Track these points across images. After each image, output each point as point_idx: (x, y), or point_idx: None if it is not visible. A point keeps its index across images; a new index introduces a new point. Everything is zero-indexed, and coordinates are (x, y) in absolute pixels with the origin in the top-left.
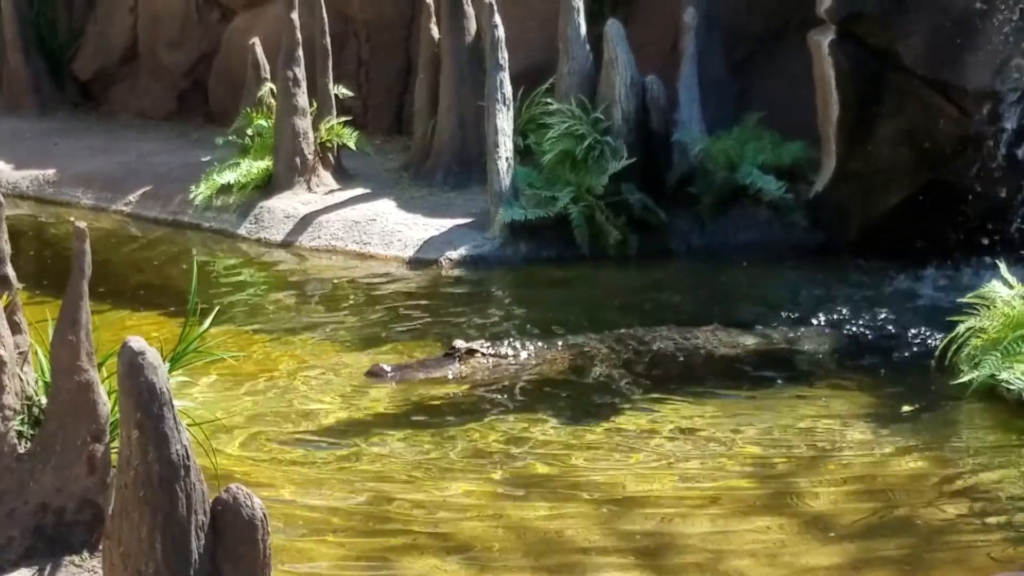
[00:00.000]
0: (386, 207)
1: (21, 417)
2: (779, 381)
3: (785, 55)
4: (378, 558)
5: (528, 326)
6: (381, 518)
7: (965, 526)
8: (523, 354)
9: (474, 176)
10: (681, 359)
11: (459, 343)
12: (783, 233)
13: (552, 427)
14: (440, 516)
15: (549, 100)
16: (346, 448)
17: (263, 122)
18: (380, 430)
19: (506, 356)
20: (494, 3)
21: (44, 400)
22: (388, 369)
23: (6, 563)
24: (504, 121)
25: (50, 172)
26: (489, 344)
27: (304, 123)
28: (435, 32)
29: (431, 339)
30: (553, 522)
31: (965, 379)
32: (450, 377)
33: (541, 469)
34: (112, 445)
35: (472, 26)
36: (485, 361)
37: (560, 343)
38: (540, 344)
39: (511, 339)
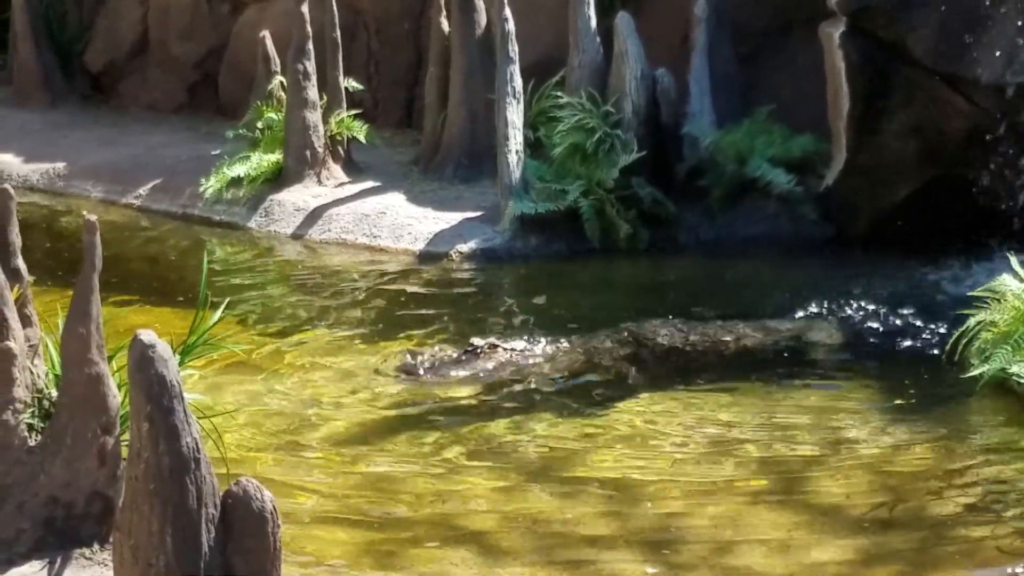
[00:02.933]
0: (396, 200)
1: (31, 410)
2: (788, 374)
3: (794, 48)
4: (388, 551)
5: (539, 320)
6: (391, 511)
7: (974, 519)
8: (538, 348)
9: (484, 169)
10: (691, 352)
11: (476, 340)
12: (792, 226)
13: (563, 420)
14: (449, 509)
15: (559, 93)
16: (357, 441)
17: (273, 115)
18: (390, 423)
19: (523, 351)
20: None
21: (54, 393)
22: (417, 365)
23: (16, 556)
24: (514, 114)
25: (60, 165)
26: (506, 339)
27: (314, 116)
28: (445, 25)
29: (442, 332)
30: (562, 515)
31: (975, 373)
32: (473, 373)
33: (550, 462)
34: (122, 438)
35: (482, 19)
36: (507, 355)
37: (574, 337)
38: (555, 338)
39: (528, 334)
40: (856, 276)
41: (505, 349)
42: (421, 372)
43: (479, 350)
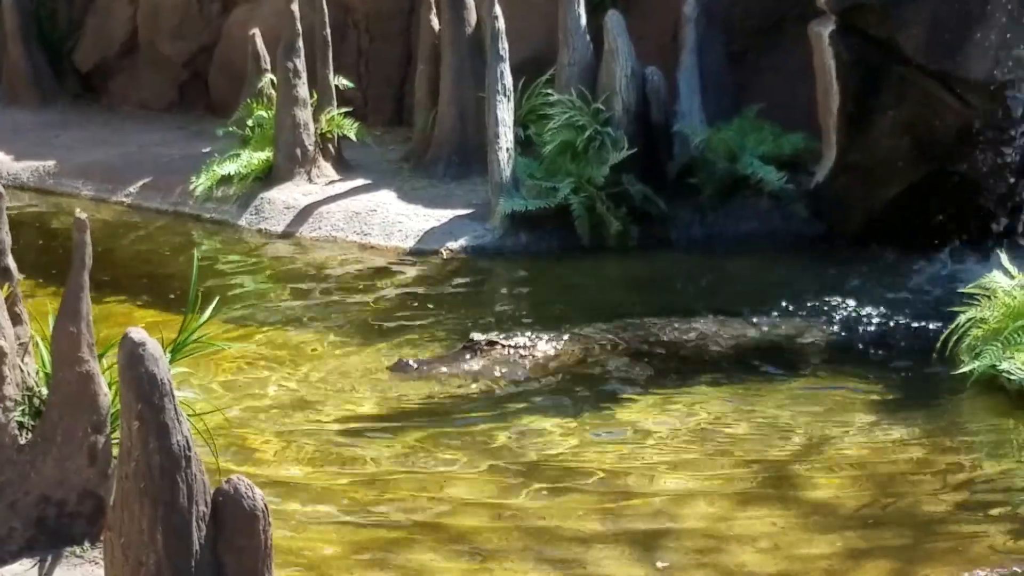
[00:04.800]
0: (387, 198)
1: (22, 408)
2: (779, 371)
3: (785, 46)
4: (380, 549)
5: (529, 317)
6: (383, 510)
7: (965, 516)
8: (539, 345)
9: (475, 167)
10: (684, 350)
11: (476, 335)
12: (783, 224)
13: (555, 418)
14: (441, 508)
15: (549, 91)
16: (348, 439)
17: (263, 113)
18: (382, 422)
19: (522, 348)
20: None
21: (45, 391)
22: (413, 364)
23: (7, 554)
24: (504, 112)
25: (50, 163)
26: (505, 336)
27: (304, 114)
28: (435, 23)
29: (434, 329)
30: (553, 513)
31: (966, 369)
32: (472, 370)
33: (542, 460)
34: (113, 436)
35: (472, 17)
36: (505, 353)
37: (572, 334)
38: (553, 335)
39: (526, 331)
40: (847, 273)
41: (504, 346)
42: (415, 369)
43: (477, 346)
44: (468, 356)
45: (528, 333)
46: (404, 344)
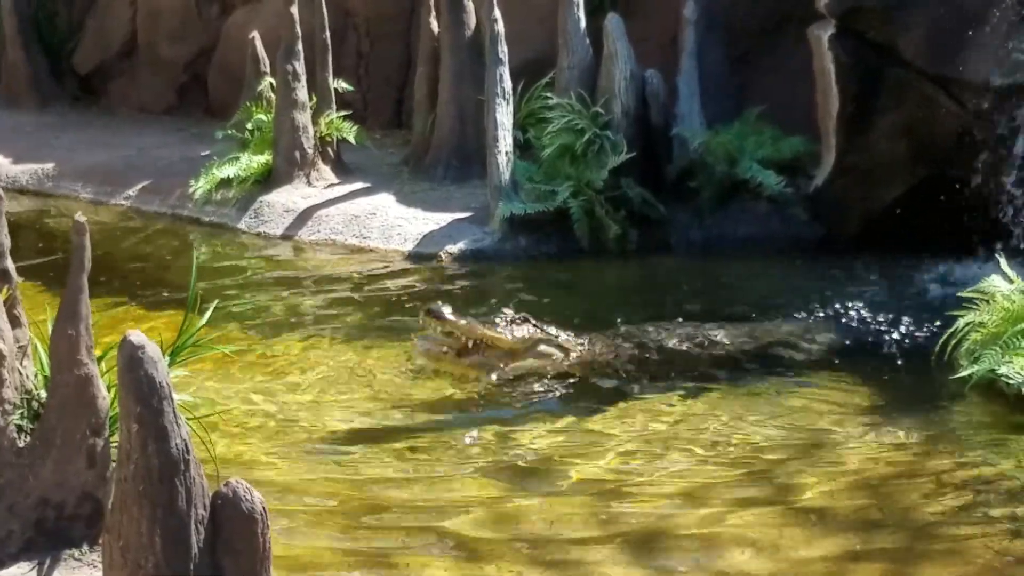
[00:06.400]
0: (386, 201)
1: (21, 411)
2: (778, 375)
3: (784, 49)
4: (376, 552)
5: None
6: (379, 512)
7: (963, 519)
8: (561, 336)
9: (474, 170)
10: (682, 353)
11: (508, 311)
12: (782, 227)
13: (555, 419)
14: (439, 509)
15: (549, 94)
16: (347, 442)
17: (263, 116)
18: (381, 424)
19: (550, 338)
20: None
21: (44, 394)
22: (448, 311)
23: (6, 557)
24: (504, 115)
25: (49, 166)
26: (542, 323)
27: (303, 117)
28: (435, 26)
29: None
30: (550, 516)
31: (964, 373)
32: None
33: (540, 462)
34: (112, 439)
35: (472, 20)
36: (531, 331)
37: (577, 336)
38: (570, 334)
39: (551, 324)
40: (846, 277)
41: (535, 326)
42: (447, 316)
43: (513, 320)
44: (499, 327)
45: (555, 328)
46: (403, 347)
